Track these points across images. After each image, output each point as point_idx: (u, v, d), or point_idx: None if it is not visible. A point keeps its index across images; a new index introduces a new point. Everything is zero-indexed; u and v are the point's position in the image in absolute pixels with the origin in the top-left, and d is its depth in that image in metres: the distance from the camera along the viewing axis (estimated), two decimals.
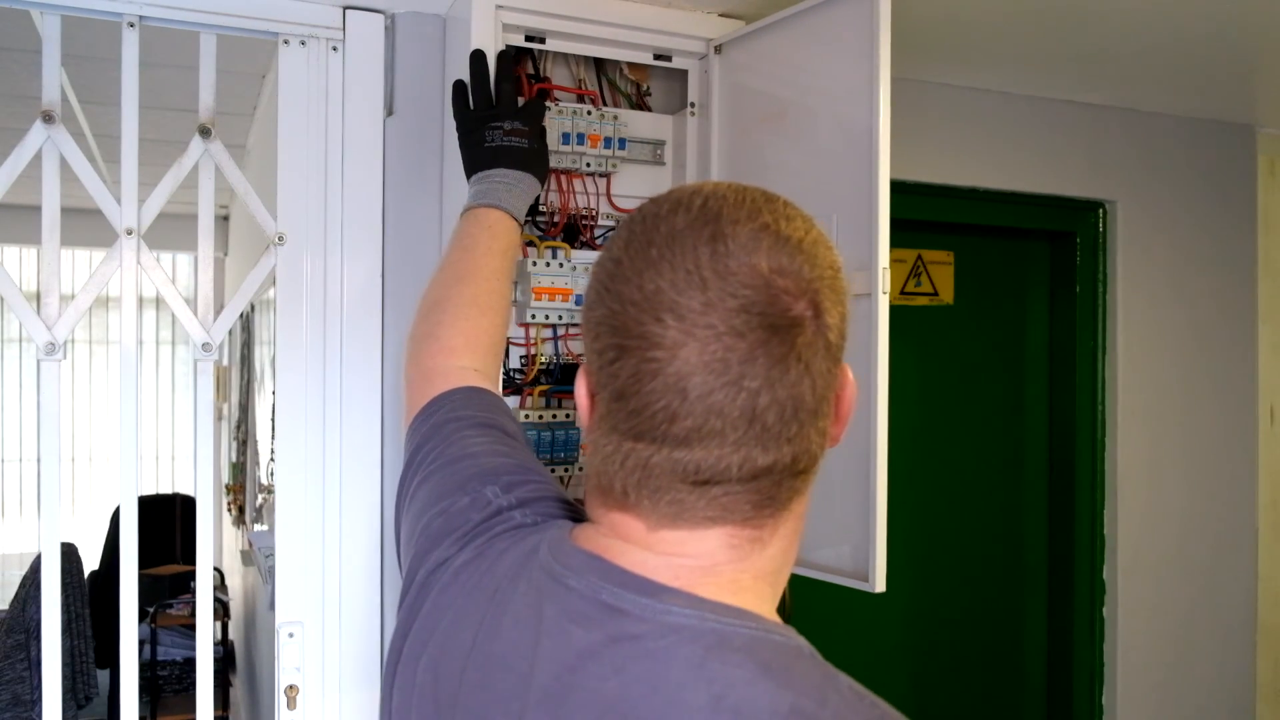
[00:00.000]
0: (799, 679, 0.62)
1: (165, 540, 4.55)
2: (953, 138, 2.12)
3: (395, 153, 1.59)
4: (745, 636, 0.64)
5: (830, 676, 0.64)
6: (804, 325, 0.63)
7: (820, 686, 0.63)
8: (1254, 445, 2.46)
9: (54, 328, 1.42)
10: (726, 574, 0.68)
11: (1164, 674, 2.35)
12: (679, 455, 0.64)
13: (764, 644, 0.64)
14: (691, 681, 0.62)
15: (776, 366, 0.62)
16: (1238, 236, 2.44)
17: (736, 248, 0.63)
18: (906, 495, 2.27)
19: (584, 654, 0.66)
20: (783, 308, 0.62)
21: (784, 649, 0.65)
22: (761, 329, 0.62)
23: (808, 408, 0.65)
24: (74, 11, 1.42)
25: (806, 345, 0.63)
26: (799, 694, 0.61)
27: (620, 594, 0.67)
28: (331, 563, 1.55)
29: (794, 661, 0.64)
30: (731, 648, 0.63)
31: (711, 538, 0.68)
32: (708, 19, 1.60)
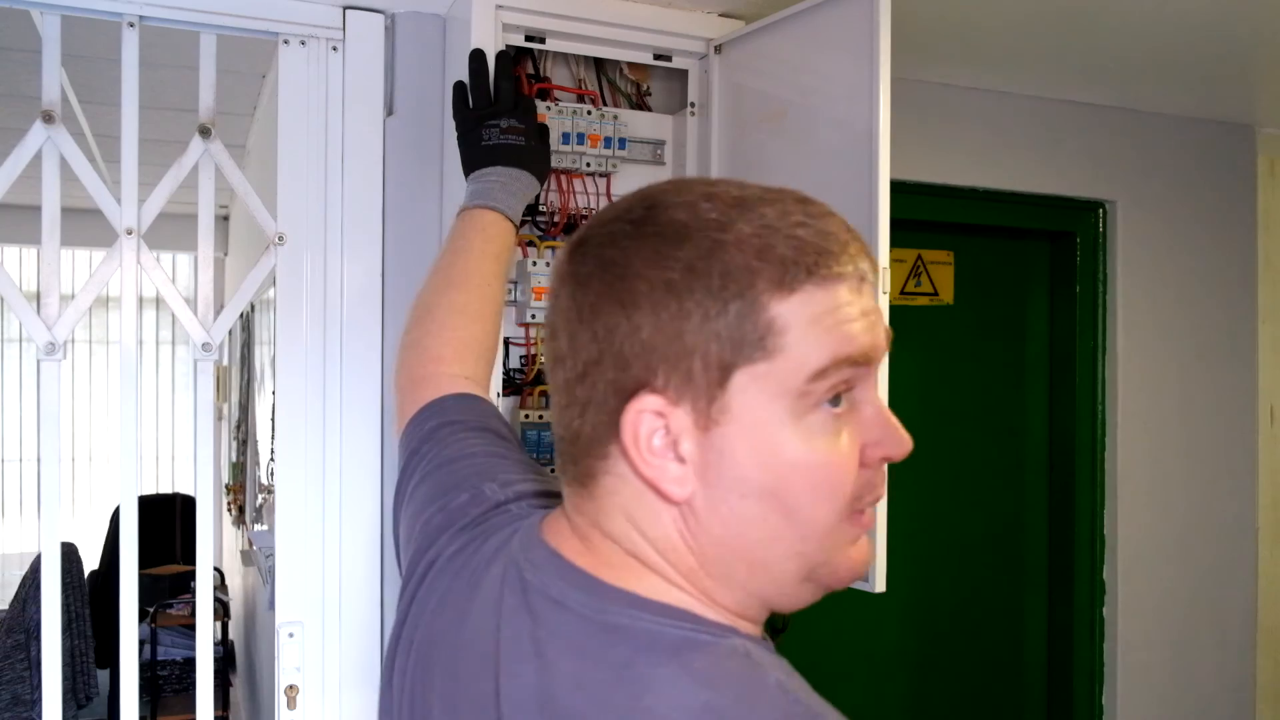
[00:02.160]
0: (721, 677, 0.63)
1: (165, 540, 4.55)
2: (953, 138, 2.12)
3: (395, 153, 1.59)
4: (674, 637, 0.65)
5: (757, 674, 0.63)
6: (550, 307, 0.73)
7: (742, 683, 0.63)
8: (1254, 445, 2.46)
9: (54, 328, 1.42)
10: (661, 571, 0.68)
11: (1164, 674, 2.35)
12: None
13: (691, 644, 0.65)
14: (616, 681, 0.63)
15: (546, 338, 0.73)
16: (1238, 236, 2.44)
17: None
18: (906, 495, 2.27)
19: (529, 648, 0.68)
20: (549, 290, 0.73)
21: (713, 649, 0.65)
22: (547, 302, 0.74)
23: (555, 380, 0.72)
24: (74, 11, 1.42)
25: (550, 323, 0.72)
26: (717, 691, 0.61)
27: (565, 589, 0.69)
28: (331, 563, 1.55)
29: (722, 660, 0.64)
30: (658, 649, 0.64)
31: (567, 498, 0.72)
32: (708, 19, 1.60)
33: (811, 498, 0.64)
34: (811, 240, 0.65)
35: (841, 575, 0.68)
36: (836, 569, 0.68)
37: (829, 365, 0.63)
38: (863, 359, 0.65)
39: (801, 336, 0.63)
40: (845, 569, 0.68)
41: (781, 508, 0.64)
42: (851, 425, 0.66)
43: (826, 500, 0.65)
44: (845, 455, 0.66)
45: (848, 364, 0.64)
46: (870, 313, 0.66)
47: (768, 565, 0.66)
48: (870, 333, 0.66)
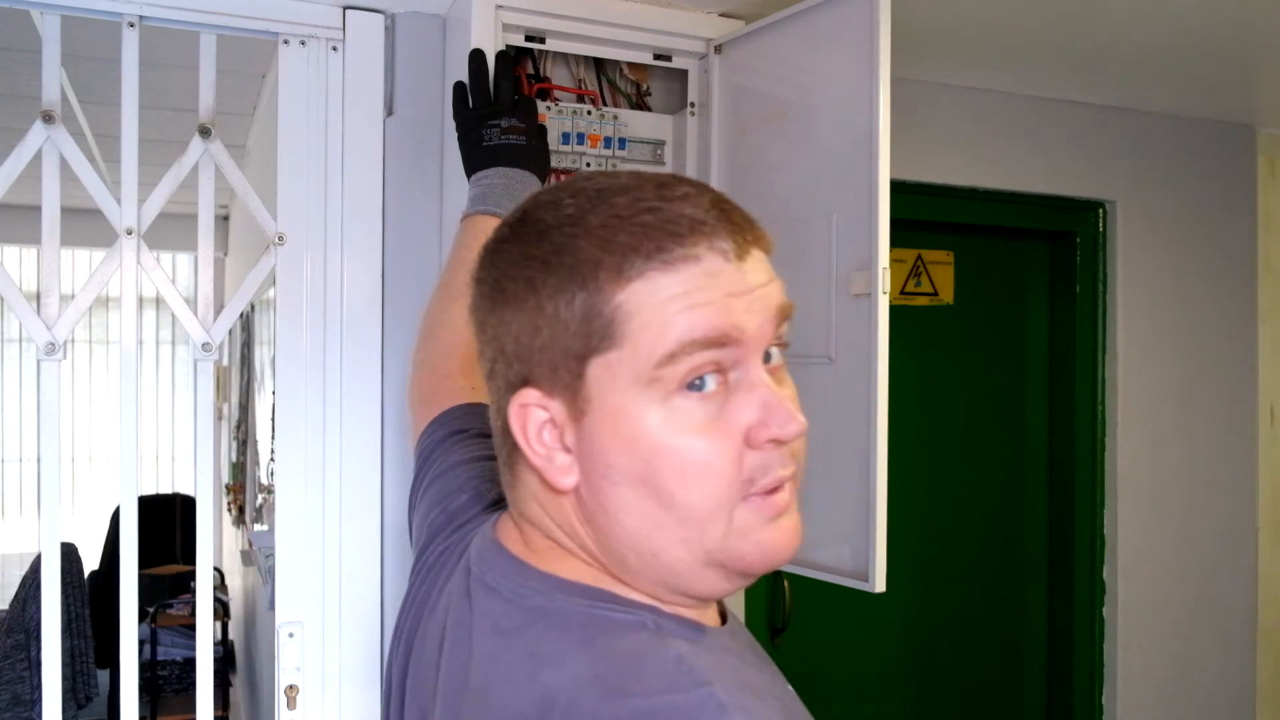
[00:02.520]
0: (619, 652, 0.64)
1: (165, 540, 4.55)
2: (953, 138, 2.12)
3: (395, 153, 1.59)
4: (584, 615, 0.67)
5: (658, 648, 0.64)
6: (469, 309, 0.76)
7: (637, 656, 0.63)
8: (1254, 445, 2.46)
9: (54, 328, 1.42)
10: (581, 554, 0.70)
11: (1164, 674, 2.35)
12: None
13: (600, 622, 0.66)
14: (523, 658, 0.66)
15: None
16: (1238, 236, 2.44)
17: None
18: (907, 495, 2.27)
19: (465, 635, 0.72)
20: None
21: (619, 625, 0.66)
22: None
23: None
24: (74, 11, 1.42)
25: (470, 322, 0.75)
26: (610, 664, 0.63)
27: (498, 577, 0.72)
28: (331, 563, 1.55)
29: (624, 635, 0.65)
30: (568, 627, 0.66)
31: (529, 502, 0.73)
32: (708, 19, 1.60)
33: (681, 483, 0.64)
34: (657, 224, 0.64)
35: (751, 561, 0.67)
36: (743, 555, 0.66)
37: (677, 350, 0.63)
38: (721, 340, 0.63)
39: (648, 322, 0.63)
40: (755, 555, 0.66)
41: (654, 494, 0.64)
42: (731, 407, 0.65)
43: (699, 485, 0.64)
44: (716, 438, 0.64)
45: (701, 346, 0.63)
46: (739, 292, 0.64)
47: (656, 554, 0.66)
48: (728, 313, 0.64)
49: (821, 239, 1.39)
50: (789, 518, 0.68)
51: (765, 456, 0.66)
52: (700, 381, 0.64)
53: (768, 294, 0.66)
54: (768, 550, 0.67)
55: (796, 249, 1.44)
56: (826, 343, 1.38)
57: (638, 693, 0.61)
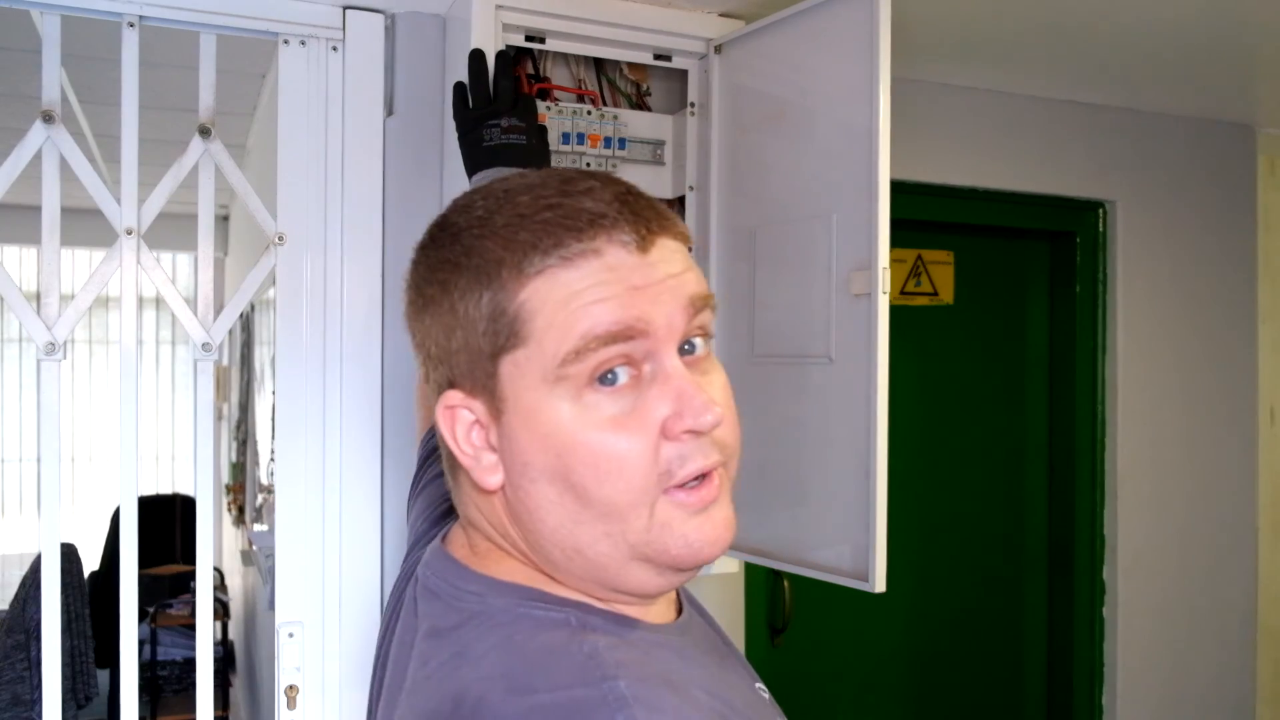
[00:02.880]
0: (534, 648, 0.64)
1: (165, 540, 4.55)
2: (953, 138, 2.12)
3: (395, 153, 1.59)
4: (510, 615, 0.67)
5: (572, 644, 0.64)
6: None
7: (550, 652, 0.63)
8: (1254, 445, 2.46)
9: (54, 328, 1.42)
10: (516, 554, 0.71)
11: (1164, 674, 2.35)
12: None
13: (523, 619, 0.67)
14: (449, 658, 0.66)
15: None
16: (1238, 236, 2.44)
17: None
18: (907, 495, 2.27)
19: (408, 638, 0.73)
20: None
21: (541, 621, 0.66)
22: None
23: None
24: (74, 11, 1.42)
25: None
26: (521, 660, 0.63)
27: (439, 581, 0.73)
28: (331, 563, 1.55)
29: (542, 632, 0.65)
30: (492, 625, 0.67)
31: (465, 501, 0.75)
32: (708, 19, 1.60)
33: (595, 478, 0.63)
34: (556, 220, 0.64)
35: (676, 555, 0.66)
36: (668, 548, 0.65)
37: (581, 346, 0.63)
38: (626, 333, 0.63)
39: (551, 319, 0.63)
40: (680, 548, 0.66)
41: (571, 491, 0.64)
42: (646, 400, 0.64)
43: (613, 479, 0.63)
44: (628, 432, 0.64)
45: (605, 341, 0.63)
46: (644, 284, 0.64)
47: (580, 549, 0.66)
48: (632, 306, 0.63)
49: (822, 239, 1.39)
50: (719, 509, 0.67)
51: (683, 447, 0.65)
52: (612, 375, 0.64)
53: (678, 284, 0.66)
54: (694, 544, 0.66)
55: (796, 249, 1.44)
56: (826, 343, 1.38)
57: (541, 688, 0.60)
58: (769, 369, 1.50)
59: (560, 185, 0.67)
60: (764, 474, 1.51)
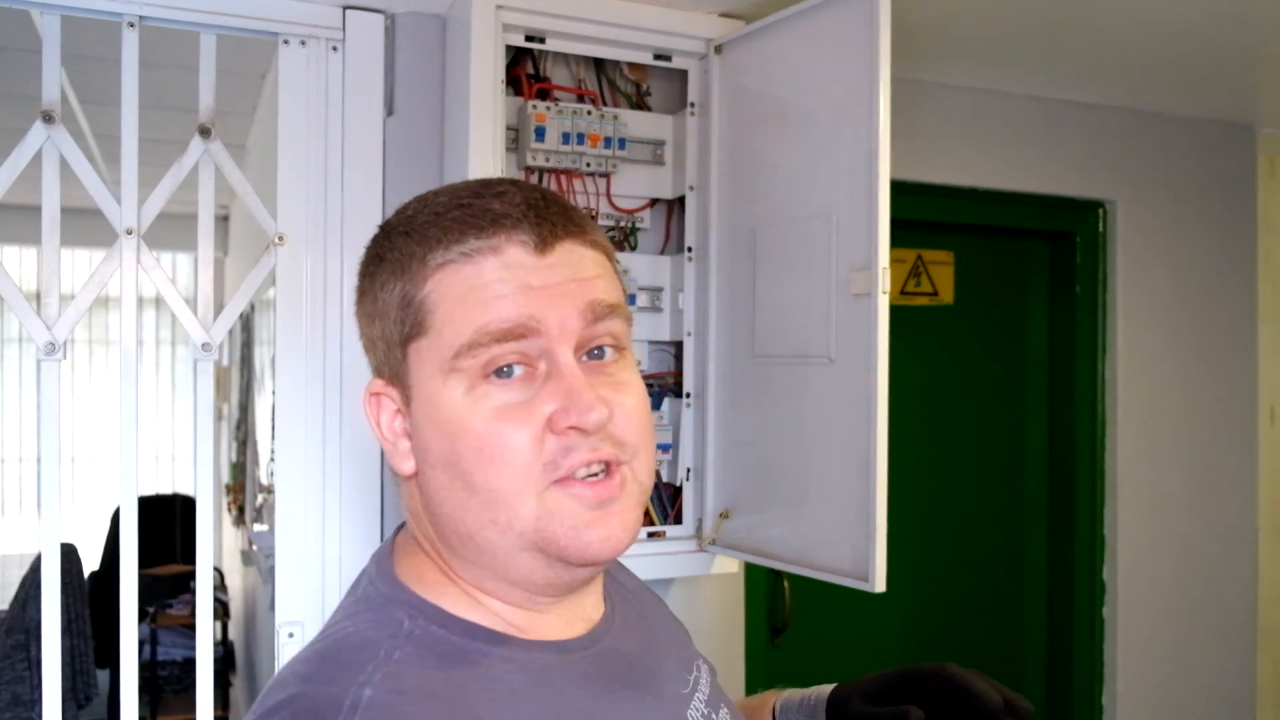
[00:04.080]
0: (346, 641, 0.68)
1: (165, 540, 4.55)
2: (953, 138, 2.12)
3: (395, 153, 1.59)
4: (358, 604, 0.72)
5: (378, 648, 0.66)
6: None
7: (353, 649, 0.66)
8: (1254, 445, 2.46)
9: (54, 328, 1.42)
10: (410, 542, 0.76)
11: (1164, 674, 2.35)
12: None
13: (370, 612, 0.70)
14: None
15: None
16: (1238, 236, 2.44)
17: None
18: (907, 495, 2.27)
19: None
20: None
21: (380, 621, 0.69)
22: None
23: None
24: (74, 11, 1.42)
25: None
26: (325, 649, 0.67)
27: (363, 575, 0.77)
28: (331, 563, 1.55)
29: (371, 629, 0.68)
30: (351, 610, 0.72)
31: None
32: (708, 19, 1.60)
33: (479, 463, 0.66)
34: (462, 218, 0.67)
35: (565, 546, 0.67)
36: (557, 539, 0.66)
37: (473, 340, 0.65)
38: (518, 332, 0.65)
39: (449, 312, 0.66)
40: (567, 539, 0.66)
41: (460, 477, 0.67)
42: (538, 395, 0.66)
43: (496, 465, 0.65)
44: (513, 422, 0.66)
45: (497, 339, 0.65)
46: (540, 285, 0.66)
47: (470, 535, 0.68)
48: (524, 305, 0.66)
49: (822, 239, 1.39)
50: (620, 508, 0.68)
51: (567, 440, 0.66)
52: (507, 369, 0.66)
53: (578, 288, 0.67)
54: (583, 536, 0.67)
55: (796, 249, 1.44)
56: (826, 342, 1.38)
57: (316, 679, 0.63)
58: (769, 369, 1.50)
59: (477, 188, 0.70)
60: (764, 474, 1.51)
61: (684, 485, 1.64)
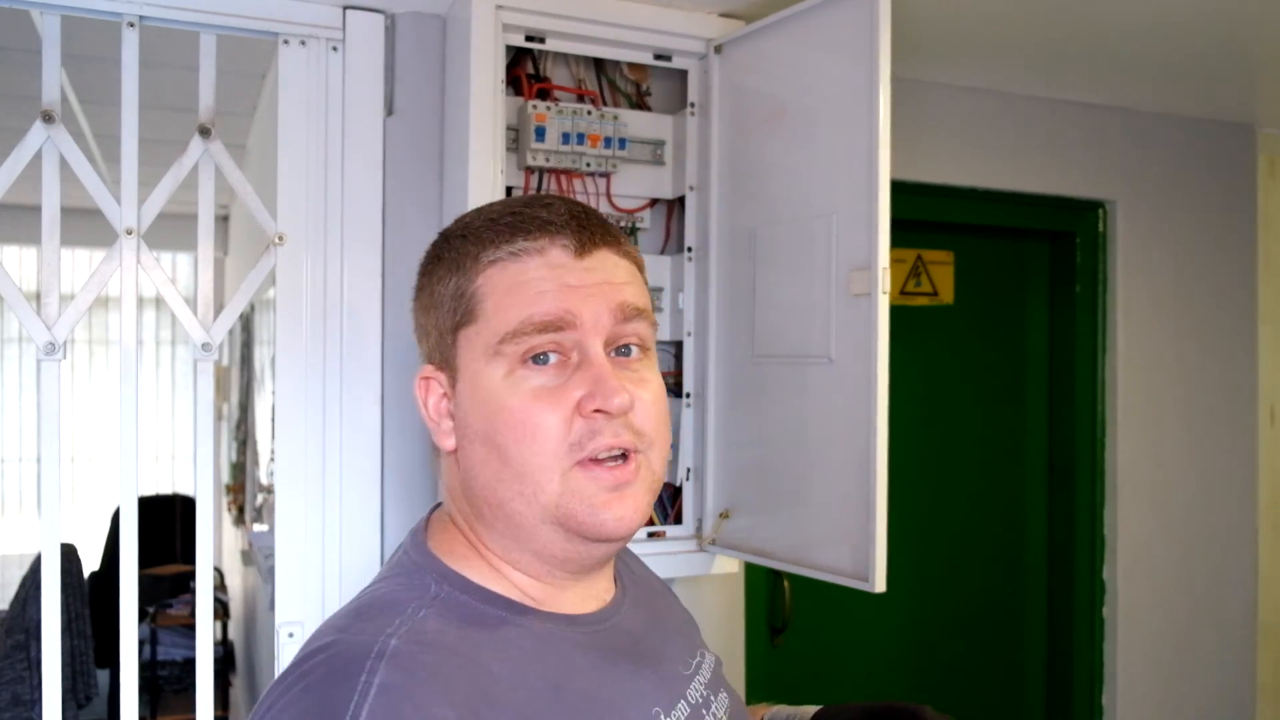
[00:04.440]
0: (378, 598, 0.76)
1: (165, 540, 4.55)
2: (953, 138, 2.12)
3: (395, 153, 1.59)
4: (396, 566, 0.81)
5: (406, 606, 0.74)
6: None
7: (383, 606, 0.75)
8: (1254, 445, 2.46)
9: (54, 328, 1.42)
10: (443, 520, 0.85)
11: (1164, 674, 2.35)
12: None
13: (404, 576, 0.79)
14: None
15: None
16: (1238, 236, 2.44)
17: None
18: (907, 495, 2.27)
19: None
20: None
21: (412, 586, 0.77)
22: None
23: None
24: (74, 11, 1.42)
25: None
26: (361, 605, 0.76)
27: (401, 546, 0.86)
28: (331, 563, 1.55)
29: (401, 591, 0.76)
30: (387, 576, 0.81)
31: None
32: (708, 19, 1.60)
33: (514, 439, 0.74)
34: (513, 224, 0.78)
35: (582, 523, 0.75)
36: (575, 514, 0.75)
37: (517, 329, 0.75)
38: (556, 324, 0.75)
39: (498, 303, 0.76)
40: (585, 517, 0.75)
41: (497, 450, 0.75)
42: (570, 382, 0.75)
43: (529, 442, 0.74)
44: (547, 403, 0.75)
45: (538, 329, 0.75)
46: (577, 285, 0.76)
47: (501, 504, 0.76)
48: (563, 300, 0.75)
49: (822, 239, 1.39)
50: (634, 493, 0.76)
51: (594, 424, 0.75)
52: (543, 357, 0.76)
53: (612, 290, 0.78)
54: (599, 514, 0.75)
55: (796, 249, 1.44)
56: (826, 342, 1.38)
57: (349, 630, 0.71)
58: (769, 369, 1.50)
59: (529, 200, 0.81)
60: (764, 474, 1.51)
61: (684, 485, 1.64)
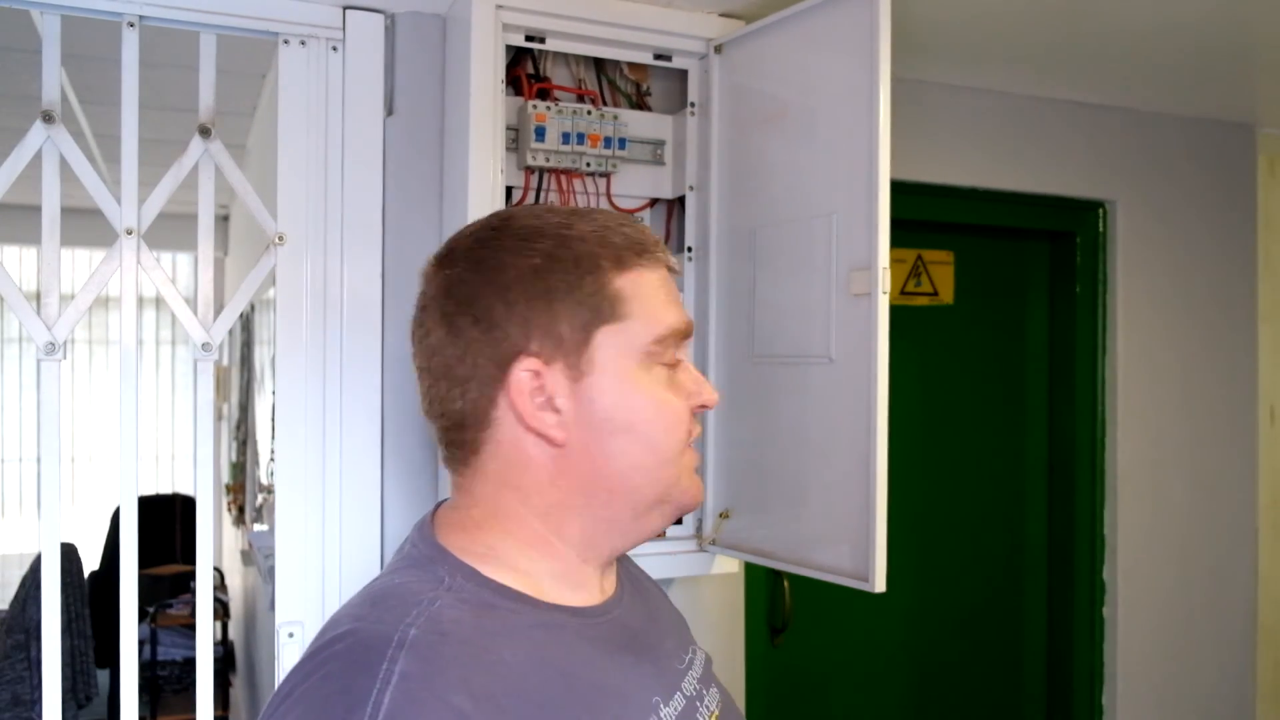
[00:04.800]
0: (393, 588, 0.78)
1: (165, 540, 4.55)
2: (953, 138, 2.12)
3: (395, 153, 1.59)
4: (417, 563, 0.83)
5: (421, 595, 0.76)
6: (425, 308, 0.86)
7: (399, 595, 0.77)
8: (1254, 445, 2.46)
9: (54, 328, 1.42)
10: (454, 516, 0.86)
11: (1164, 674, 2.35)
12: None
13: (417, 568, 0.81)
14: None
15: (419, 339, 0.86)
16: (1238, 236, 2.44)
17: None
18: (907, 495, 2.27)
19: None
20: (432, 291, 0.86)
21: (425, 578, 0.79)
22: (416, 310, 0.88)
23: (435, 369, 0.84)
24: (74, 11, 1.42)
25: (425, 323, 0.85)
26: (376, 594, 0.78)
27: (407, 542, 0.88)
28: (331, 563, 1.55)
29: (415, 582, 0.79)
30: (398, 567, 0.84)
31: (450, 480, 0.88)
32: (708, 19, 1.60)
33: (664, 429, 0.83)
34: (635, 236, 0.85)
35: (691, 494, 0.87)
36: (686, 490, 0.86)
37: (666, 334, 0.83)
38: (687, 331, 0.86)
39: (643, 305, 0.82)
40: (693, 490, 0.87)
41: (643, 441, 0.82)
42: (679, 379, 0.86)
43: (673, 431, 0.84)
44: (679, 399, 0.85)
45: (682, 335, 0.85)
46: (680, 299, 0.88)
47: (630, 490, 0.83)
48: (686, 314, 0.86)
49: (822, 239, 1.39)
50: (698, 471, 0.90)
51: (696, 417, 0.87)
52: (670, 359, 0.86)
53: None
54: (698, 490, 0.89)
55: (796, 249, 1.44)
56: (826, 342, 1.38)
57: (366, 618, 0.73)
58: (769, 369, 1.50)
59: (617, 214, 0.88)
60: (764, 474, 1.51)
61: None
